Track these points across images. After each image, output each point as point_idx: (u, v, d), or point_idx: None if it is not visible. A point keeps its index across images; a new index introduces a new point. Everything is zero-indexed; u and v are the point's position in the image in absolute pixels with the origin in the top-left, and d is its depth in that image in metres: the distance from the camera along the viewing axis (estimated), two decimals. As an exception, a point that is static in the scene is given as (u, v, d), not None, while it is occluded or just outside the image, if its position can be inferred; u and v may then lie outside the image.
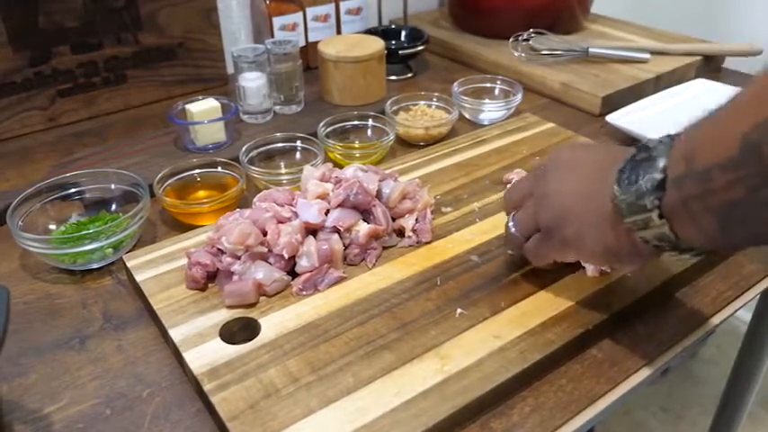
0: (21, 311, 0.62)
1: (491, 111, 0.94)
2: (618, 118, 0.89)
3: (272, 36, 1.06)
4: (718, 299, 0.62)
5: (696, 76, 1.05)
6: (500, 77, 0.98)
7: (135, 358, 0.57)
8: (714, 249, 0.46)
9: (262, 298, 0.59)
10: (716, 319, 0.60)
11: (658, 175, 0.42)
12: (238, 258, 0.60)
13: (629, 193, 0.44)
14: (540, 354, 0.53)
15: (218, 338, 0.54)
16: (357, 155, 0.81)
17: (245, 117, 0.95)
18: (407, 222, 0.66)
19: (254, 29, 1.15)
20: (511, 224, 0.58)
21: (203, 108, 0.86)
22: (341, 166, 0.70)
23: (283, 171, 0.79)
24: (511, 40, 1.12)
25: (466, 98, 0.93)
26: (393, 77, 1.10)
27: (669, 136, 0.44)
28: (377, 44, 0.99)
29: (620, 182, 0.45)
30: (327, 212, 0.63)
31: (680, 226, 0.43)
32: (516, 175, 0.74)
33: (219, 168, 0.77)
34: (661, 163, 0.43)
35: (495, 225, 0.68)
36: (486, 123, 0.94)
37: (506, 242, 0.61)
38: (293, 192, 0.66)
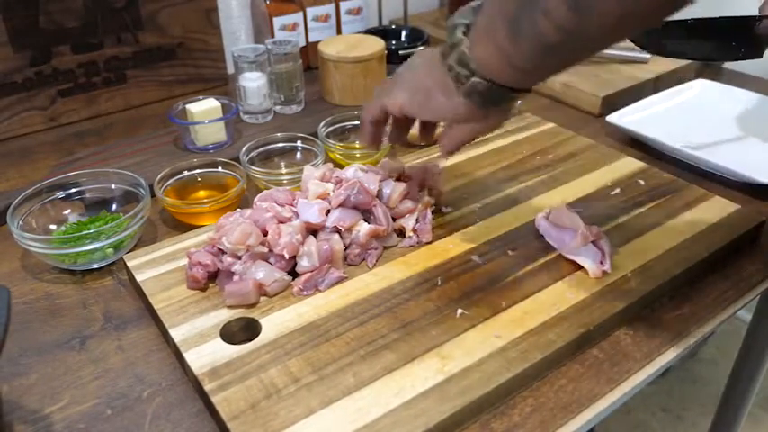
0: (21, 311, 0.62)
1: (491, 111, 0.94)
2: (618, 118, 0.89)
3: (273, 36, 1.06)
4: (719, 299, 0.62)
5: (696, 77, 1.05)
6: (500, 77, 0.98)
7: (135, 358, 0.57)
8: (507, 78, 0.51)
9: (262, 298, 0.59)
10: (716, 320, 0.60)
11: (474, 4, 0.51)
12: (239, 258, 0.60)
13: (450, 21, 0.53)
14: (540, 354, 0.53)
15: (219, 338, 0.55)
16: (357, 155, 0.81)
17: (245, 117, 0.95)
18: (408, 222, 0.66)
19: (255, 29, 1.15)
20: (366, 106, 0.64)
21: (204, 108, 0.86)
22: (341, 167, 0.70)
23: (284, 171, 0.79)
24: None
25: (466, 98, 0.93)
26: (393, 77, 1.10)
27: None
28: (377, 44, 1.00)
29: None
30: (328, 212, 0.63)
31: (478, 44, 0.50)
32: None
33: (220, 168, 0.77)
34: (474, 3, 0.52)
35: (495, 225, 0.68)
36: (486, 123, 0.94)
37: (360, 132, 0.68)
38: (294, 192, 0.66)
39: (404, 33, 1.17)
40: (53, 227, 0.71)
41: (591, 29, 0.43)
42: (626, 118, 0.89)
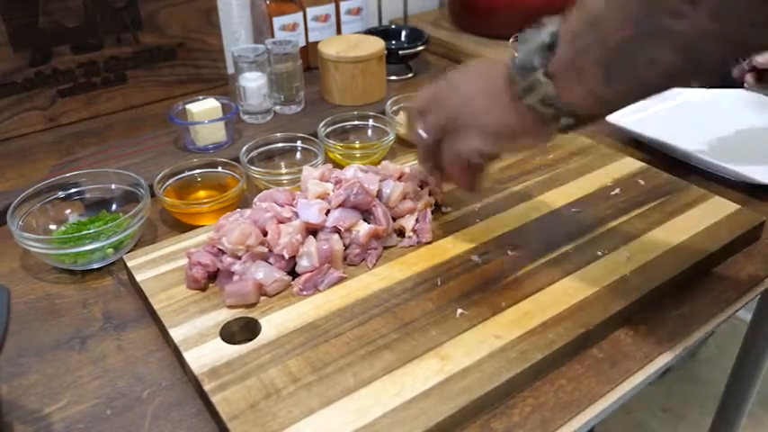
0: (21, 311, 0.62)
1: (491, 111, 0.94)
2: (618, 118, 0.89)
3: (273, 36, 1.06)
4: (719, 299, 0.62)
5: (696, 77, 1.05)
6: (500, 77, 0.98)
7: (135, 358, 0.57)
8: (594, 112, 0.50)
9: (262, 298, 0.59)
10: (716, 320, 0.60)
11: (546, 38, 0.47)
12: (239, 258, 0.60)
13: (520, 55, 0.49)
14: (540, 354, 0.53)
15: (219, 338, 0.55)
16: (357, 155, 0.81)
17: (245, 117, 0.95)
18: (408, 222, 0.66)
19: (255, 29, 1.15)
20: (420, 130, 0.59)
21: (204, 108, 0.86)
22: (341, 167, 0.70)
23: (283, 171, 0.79)
24: (511, 40, 1.12)
25: (466, 98, 0.93)
26: (393, 77, 1.10)
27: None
28: (377, 44, 0.99)
29: (515, 53, 0.50)
30: (328, 212, 0.63)
31: (565, 85, 0.47)
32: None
33: (220, 168, 0.77)
34: (550, 28, 0.48)
35: (495, 225, 0.68)
36: (486, 123, 0.94)
37: (418, 154, 0.63)
38: (294, 192, 0.66)
39: (404, 33, 1.17)
40: (53, 227, 0.71)
41: (700, 73, 0.44)
42: (626, 118, 0.89)
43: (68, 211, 0.73)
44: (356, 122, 0.89)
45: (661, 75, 0.43)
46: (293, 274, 0.61)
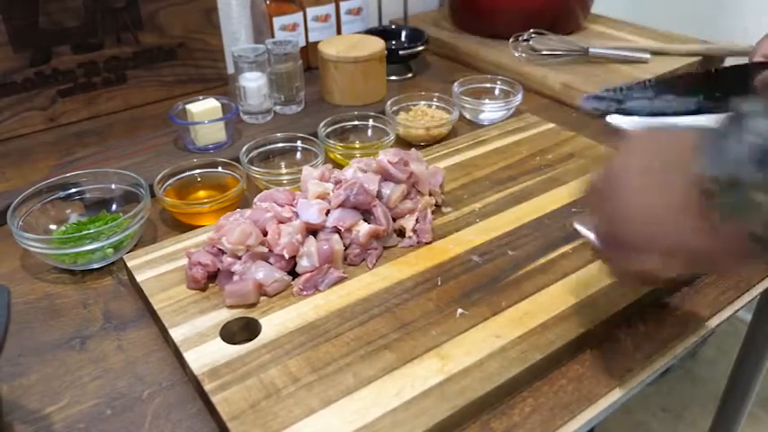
0: (21, 311, 0.62)
1: (491, 111, 0.94)
2: (618, 118, 0.89)
3: (273, 36, 1.06)
4: (719, 299, 0.62)
5: (696, 77, 1.05)
6: (500, 77, 0.98)
7: (135, 358, 0.57)
8: None
9: (262, 298, 0.59)
10: (716, 320, 0.60)
11: (761, 140, 0.32)
12: (239, 258, 0.60)
13: (719, 165, 0.34)
14: (540, 354, 0.53)
15: (219, 338, 0.55)
16: (357, 155, 0.81)
17: (245, 117, 0.95)
18: (408, 222, 0.66)
19: (255, 29, 1.15)
20: (582, 228, 0.49)
21: (204, 108, 0.86)
22: (341, 167, 0.70)
23: (284, 171, 0.79)
24: (511, 40, 1.12)
25: (466, 98, 0.93)
26: (393, 77, 1.10)
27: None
28: (377, 44, 0.99)
29: (705, 154, 0.35)
30: (328, 212, 0.63)
31: None
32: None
33: (220, 168, 0.77)
34: (761, 123, 0.32)
35: (495, 225, 0.68)
36: (486, 124, 0.94)
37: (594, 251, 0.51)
38: (294, 192, 0.66)
39: (404, 33, 1.17)
40: (53, 227, 0.71)
41: None
42: (627, 118, 0.89)
43: (68, 211, 0.73)
44: (356, 122, 0.89)
45: None
46: (293, 274, 0.61)
